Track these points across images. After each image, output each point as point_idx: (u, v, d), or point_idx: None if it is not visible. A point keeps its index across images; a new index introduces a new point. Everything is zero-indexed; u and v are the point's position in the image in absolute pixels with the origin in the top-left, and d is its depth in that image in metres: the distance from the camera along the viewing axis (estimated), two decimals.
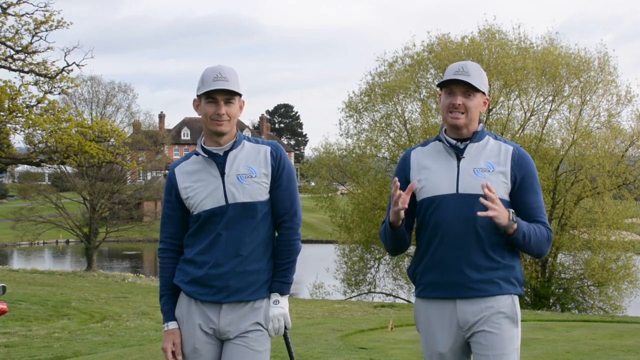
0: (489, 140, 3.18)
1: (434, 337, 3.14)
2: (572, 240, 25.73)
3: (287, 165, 3.24)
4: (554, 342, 8.67)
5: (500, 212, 2.96)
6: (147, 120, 57.62)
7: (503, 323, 3.06)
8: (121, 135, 22.05)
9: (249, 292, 3.17)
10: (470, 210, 3.04)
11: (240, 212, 3.15)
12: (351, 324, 11.38)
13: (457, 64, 3.16)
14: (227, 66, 3.18)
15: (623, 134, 27.08)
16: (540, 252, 3.12)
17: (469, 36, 27.74)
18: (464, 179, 3.08)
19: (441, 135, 3.19)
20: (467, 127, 3.13)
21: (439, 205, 3.10)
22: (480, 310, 3.06)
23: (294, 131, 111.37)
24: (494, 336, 3.04)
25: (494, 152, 3.14)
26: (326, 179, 31.14)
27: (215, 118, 3.14)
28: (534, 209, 3.12)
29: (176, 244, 3.29)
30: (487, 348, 3.03)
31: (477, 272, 3.05)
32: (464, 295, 3.07)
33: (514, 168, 3.11)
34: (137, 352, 8.15)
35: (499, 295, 3.07)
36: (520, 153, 3.14)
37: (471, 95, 3.10)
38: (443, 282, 3.10)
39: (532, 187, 3.13)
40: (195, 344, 3.20)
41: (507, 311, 3.08)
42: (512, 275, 3.12)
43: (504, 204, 3.06)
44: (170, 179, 3.29)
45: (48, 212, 41.80)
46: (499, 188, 3.06)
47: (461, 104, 3.08)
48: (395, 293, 29.56)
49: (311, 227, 58.17)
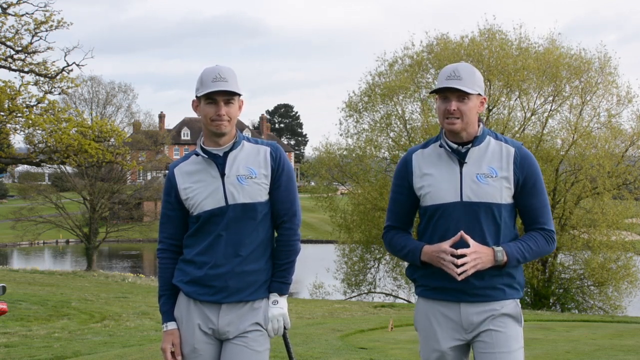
0: (490, 141, 3.13)
1: (435, 335, 3.13)
2: (572, 240, 25.74)
3: (287, 166, 3.24)
4: (554, 342, 8.66)
5: (480, 262, 2.99)
6: (147, 120, 57.71)
7: (508, 322, 3.08)
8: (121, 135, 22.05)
9: (249, 292, 3.17)
10: (474, 218, 3.04)
11: (240, 213, 3.15)
12: (351, 324, 11.38)
13: (448, 68, 3.11)
14: (225, 66, 3.16)
15: (623, 134, 27.09)
16: (539, 257, 3.16)
17: (469, 36, 27.76)
18: (467, 186, 3.05)
19: (442, 140, 3.15)
20: (465, 130, 3.09)
21: (443, 213, 3.08)
22: (484, 311, 3.07)
23: (294, 131, 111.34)
24: (500, 334, 3.04)
25: (495, 155, 3.10)
26: (326, 179, 31.14)
27: (215, 119, 3.13)
28: (537, 210, 3.11)
29: (175, 244, 3.29)
30: (493, 346, 3.04)
31: (481, 280, 3.05)
32: (469, 300, 3.08)
33: (516, 171, 3.07)
34: (137, 352, 8.15)
35: (503, 300, 3.09)
36: (522, 154, 3.09)
37: (465, 99, 3.05)
38: (447, 287, 3.09)
39: (535, 188, 3.10)
40: (195, 344, 3.19)
41: (511, 312, 3.10)
42: (515, 281, 3.13)
43: (508, 208, 3.07)
44: (169, 179, 3.28)
45: (48, 212, 41.79)
46: (502, 194, 3.05)
47: (456, 109, 3.04)
48: (395, 293, 29.56)
49: (311, 227, 58.16)
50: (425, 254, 3.08)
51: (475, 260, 2.97)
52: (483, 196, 3.02)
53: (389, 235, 3.27)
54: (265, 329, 3.20)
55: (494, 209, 3.04)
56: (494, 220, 3.04)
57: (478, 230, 3.03)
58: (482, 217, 3.02)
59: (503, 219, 3.06)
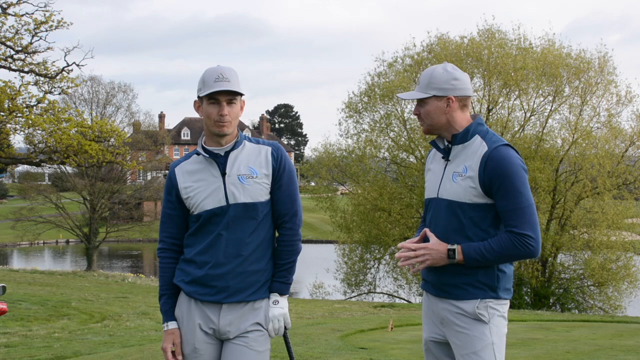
0: (475, 139, 3.14)
1: (424, 325, 3.34)
2: (572, 240, 25.75)
3: (288, 165, 3.24)
4: (554, 342, 8.66)
5: (430, 258, 3.09)
6: (147, 120, 57.62)
7: (470, 322, 3.11)
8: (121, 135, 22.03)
9: (249, 292, 3.17)
10: (444, 215, 3.15)
11: (241, 213, 3.15)
12: (351, 324, 11.38)
13: (423, 73, 3.24)
14: (227, 66, 3.17)
15: (623, 134, 27.10)
16: (513, 261, 3.10)
17: (469, 36, 27.77)
18: (444, 184, 3.17)
19: (436, 140, 3.30)
20: (439, 130, 3.20)
21: (427, 207, 3.28)
22: (449, 309, 3.15)
23: (294, 131, 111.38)
24: (464, 335, 3.11)
25: (472, 154, 3.11)
26: (326, 179, 31.16)
27: (218, 120, 3.13)
28: (507, 212, 3.03)
29: (176, 243, 3.29)
30: (460, 347, 3.12)
31: (447, 275, 3.14)
32: (438, 294, 3.20)
33: (481, 172, 3.04)
34: (137, 352, 8.15)
35: (466, 300, 3.11)
36: (490, 155, 3.04)
37: (423, 102, 3.19)
38: (426, 280, 3.27)
39: (503, 190, 3.02)
40: (195, 344, 3.19)
41: (470, 313, 3.11)
42: (477, 280, 3.10)
43: (476, 208, 3.08)
44: (170, 178, 3.28)
45: (48, 212, 41.81)
46: (467, 193, 3.08)
47: (418, 113, 3.21)
48: (396, 293, 29.57)
49: (311, 227, 58.19)
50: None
51: (424, 256, 3.10)
52: (449, 194, 3.13)
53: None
54: (266, 329, 3.20)
55: (456, 207, 3.11)
56: (457, 219, 3.11)
57: (448, 226, 3.13)
58: (445, 214, 3.14)
59: (468, 218, 3.08)
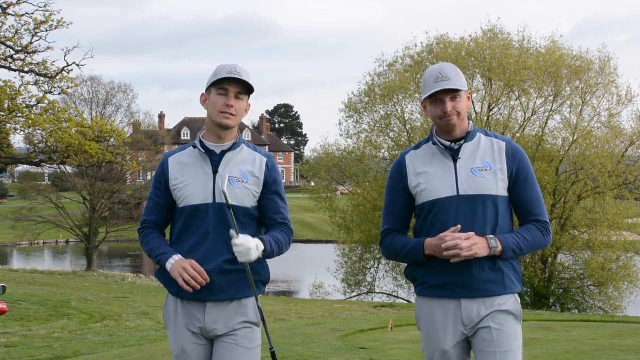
0: (480, 138, 3.19)
1: (437, 334, 3.13)
2: (573, 240, 25.73)
3: (279, 179, 3.30)
4: (554, 342, 8.66)
5: (476, 249, 2.98)
6: (147, 120, 57.62)
7: (507, 320, 3.07)
8: (121, 135, 22.04)
9: (234, 291, 3.17)
10: (472, 211, 3.06)
11: (225, 213, 3.12)
12: (351, 324, 11.38)
13: (433, 70, 3.14)
14: (241, 66, 3.22)
15: (623, 134, 27.09)
16: (537, 250, 3.19)
17: (471, 36, 27.77)
18: (463, 180, 3.09)
19: (435, 138, 3.19)
20: (459, 127, 3.15)
21: (440, 209, 3.10)
22: (485, 307, 3.07)
23: (294, 131, 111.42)
24: (500, 332, 3.04)
25: (488, 149, 3.15)
26: (325, 179, 31.15)
27: (224, 110, 3.14)
28: (531, 201, 3.13)
29: (159, 225, 3.29)
30: (493, 345, 3.03)
31: (482, 272, 3.06)
32: (468, 295, 3.08)
33: (510, 163, 3.12)
34: (137, 352, 8.14)
35: (503, 295, 3.09)
36: (512, 147, 3.16)
37: (457, 97, 3.11)
38: (447, 283, 3.09)
39: (528, 180, 3.14)
40: (184, 345, 3.19)
41: (511, 309, 3.10)
42: (514, 274, 3.14)
43: (505, 201, 3.11)
44: (162, 166, 3.29)
45: (48, 212, 41.78)
46: (498, 186, 3.09)
47: (451, 109, 3.09)
48: (396, 293, 29.56)
49: (311, 227, 58.19)
50: (428, 246, 3.08)
51: (471, 246, 2.96)
52: (480, 189, 3.07)
53: (388, 238, 3.28)
54: (256, 325, 3.20)
55: (492, 200, 3.07)
56: (492, 212, 3.07)
57: (476, 222, 3.05)
58: (480, 210, 3.06)
59: (500, 211, 3.09)
